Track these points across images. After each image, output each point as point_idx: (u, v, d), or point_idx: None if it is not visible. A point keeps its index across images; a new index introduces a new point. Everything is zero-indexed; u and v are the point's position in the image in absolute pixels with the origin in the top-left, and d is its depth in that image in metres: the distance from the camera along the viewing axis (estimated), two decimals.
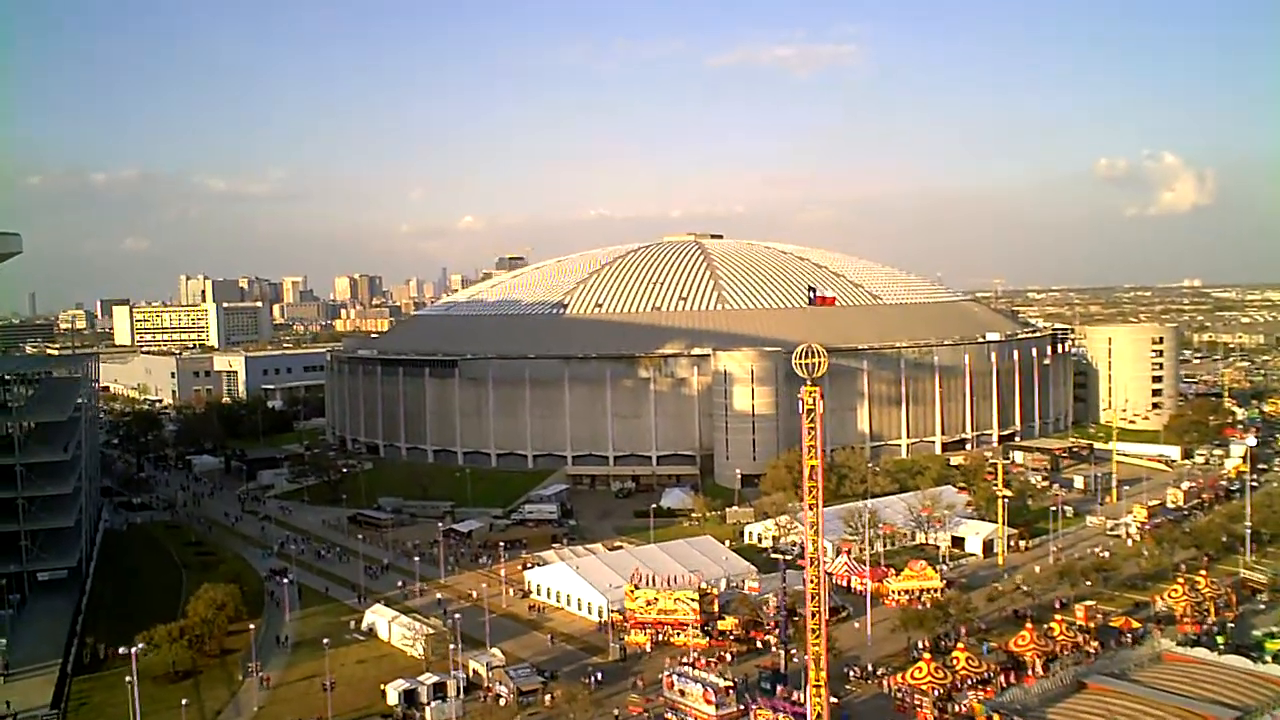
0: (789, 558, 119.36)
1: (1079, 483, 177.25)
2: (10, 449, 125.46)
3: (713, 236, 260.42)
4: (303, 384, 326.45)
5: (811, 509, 74.15)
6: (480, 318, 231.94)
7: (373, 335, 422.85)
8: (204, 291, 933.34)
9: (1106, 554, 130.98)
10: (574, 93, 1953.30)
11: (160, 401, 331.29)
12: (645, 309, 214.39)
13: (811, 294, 72.13)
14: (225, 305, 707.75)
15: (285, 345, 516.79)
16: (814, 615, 73.71)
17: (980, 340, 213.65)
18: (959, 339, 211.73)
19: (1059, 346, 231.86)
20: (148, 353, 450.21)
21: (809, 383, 73.60)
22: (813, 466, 72.35)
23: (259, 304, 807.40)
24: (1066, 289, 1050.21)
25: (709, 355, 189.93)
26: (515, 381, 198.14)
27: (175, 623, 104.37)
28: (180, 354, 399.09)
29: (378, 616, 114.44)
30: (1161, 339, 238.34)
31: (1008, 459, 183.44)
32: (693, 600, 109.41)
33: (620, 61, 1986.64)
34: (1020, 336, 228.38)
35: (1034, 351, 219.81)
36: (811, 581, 73.32)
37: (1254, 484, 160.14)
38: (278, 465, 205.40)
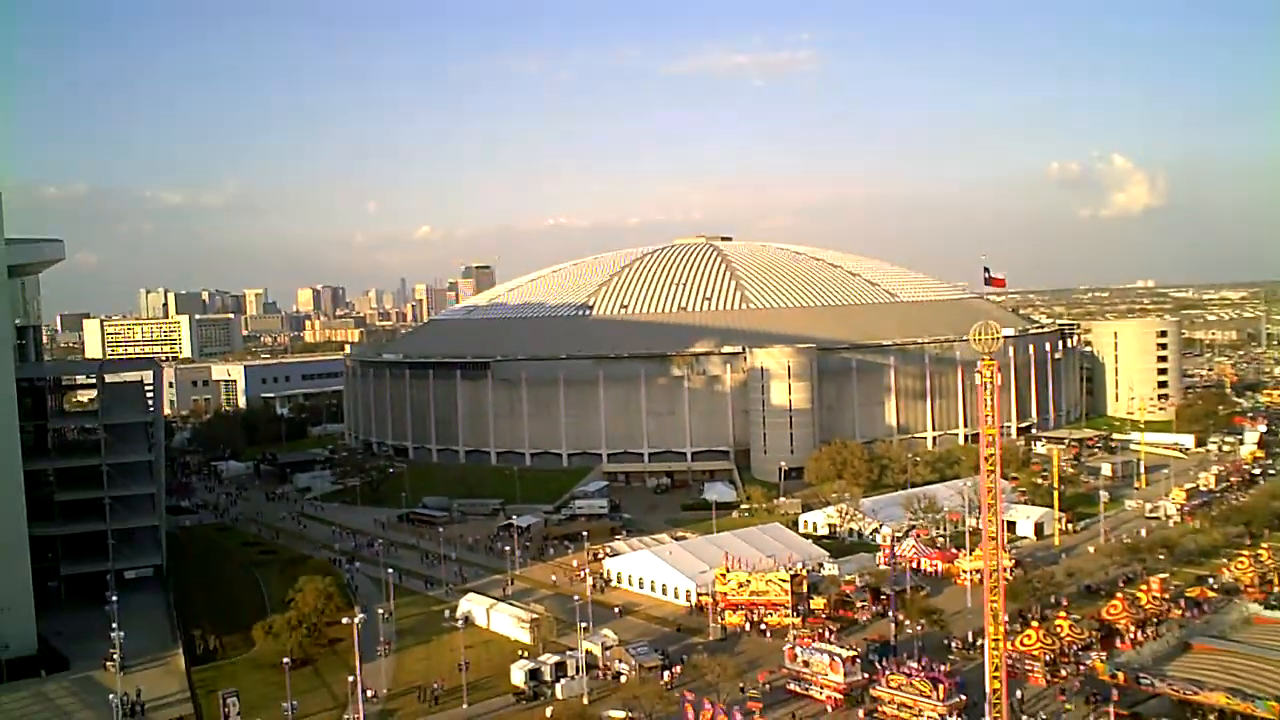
0: (900, 536, 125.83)
1: (1106, 470, 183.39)
2: (96, 450, 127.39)
3: (723, 239, 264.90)
4: (301, 391, 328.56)
5: (989, 492, 76.34)
6: (505, 320, 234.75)
7: (335, 344, 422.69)
8: (165, 305, 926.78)
9: (1141, 533, 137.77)
10: (528, 102, 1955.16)
11: None
12: (671, 309, 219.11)
13: (987, 273, 75.88)
14: (197, 317, 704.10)
15: (263, 355, 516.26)
16: (994, 590, 75.72)
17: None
18: None
19: (1067, 341, 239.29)
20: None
21: (987, 357, 77.12)
22: (990, 455, 75.39)
23: (230, 315, 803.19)
24: (1025, 290, 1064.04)
25: (741, 353, 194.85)
26: (548, 382, 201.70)
27: (290, 612, 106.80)
28: (175, 363, 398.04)
29: (473, 605, 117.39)
30: (1165, 332, 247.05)
31: (1040, 449, 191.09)
32: (784, 582, 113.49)
33: (576, 71, 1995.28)
34: (1032, 332, 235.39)
35: (1046, 346, 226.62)
36: (991, 555, 75.39)
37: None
38: (311, 468, 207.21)
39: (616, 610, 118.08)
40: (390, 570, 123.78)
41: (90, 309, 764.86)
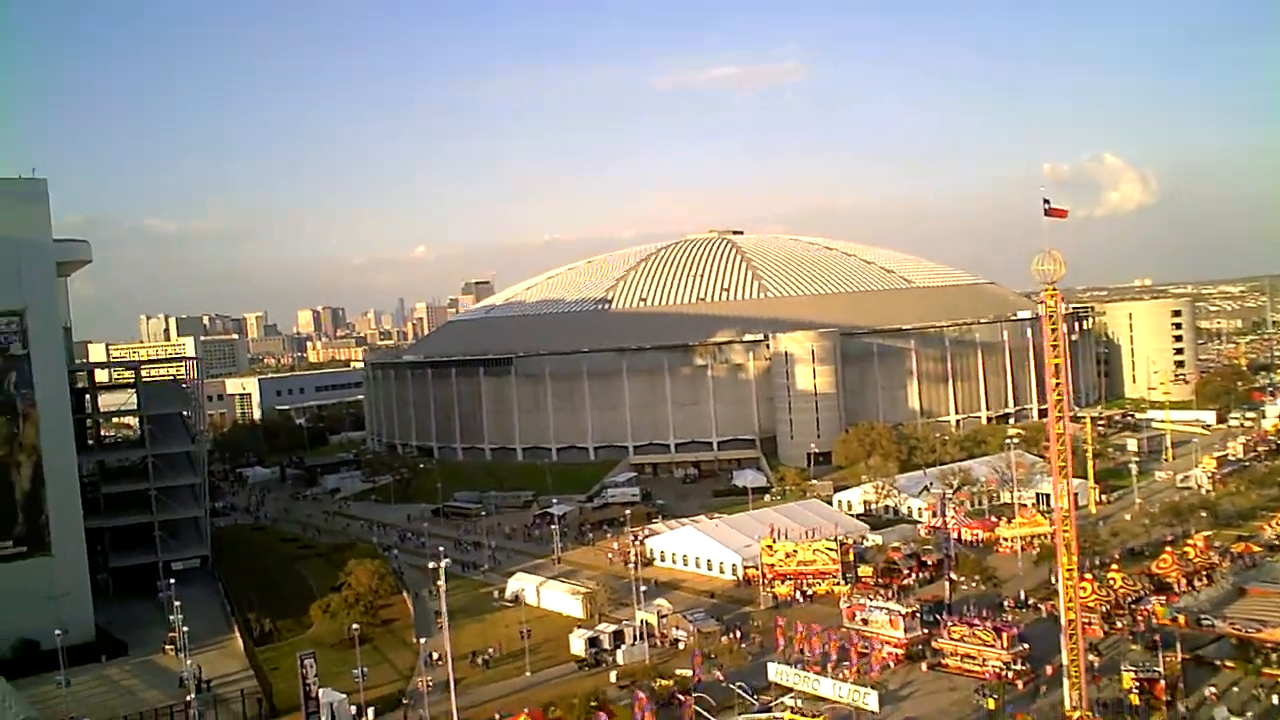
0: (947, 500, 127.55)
1: (1132, 445, 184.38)
2: (137, 444, 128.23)
3: (734, 233, 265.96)
4: (315, 403, 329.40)
5: (1057, 421, 75.54)
6: (525, 317, 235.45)
7: (339, 362, 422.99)
8: (167, 330, 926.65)
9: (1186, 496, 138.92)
10: (520, 120, 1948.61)
11: None
12: (690, 300, 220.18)
13: (1047, 204, 73.62)
14: (201, 339, 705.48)
15: (270, 374, 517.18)
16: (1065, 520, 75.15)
17: (1014, 318, 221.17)
18: (995, 318, 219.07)
19: (1083, 324, 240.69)
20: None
21: (1050, 286, 76.31)
22: (1058, 385, 74.82)
23: (235, 337, 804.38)
24: (1024, 292, 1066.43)
25: (763, 340, 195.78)
26: (572, 375, 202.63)
27: (346, 591, 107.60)
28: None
29: (524, 583, 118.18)
30: (1179, 312, 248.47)
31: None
32: (832, 550, 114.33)
33: (561, 89, 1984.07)
34: None
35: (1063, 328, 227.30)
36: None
37: None
38: (338, 470, 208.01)
39: (654, 584, 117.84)
40: (441, 549, 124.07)
41: (91, 337, 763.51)
